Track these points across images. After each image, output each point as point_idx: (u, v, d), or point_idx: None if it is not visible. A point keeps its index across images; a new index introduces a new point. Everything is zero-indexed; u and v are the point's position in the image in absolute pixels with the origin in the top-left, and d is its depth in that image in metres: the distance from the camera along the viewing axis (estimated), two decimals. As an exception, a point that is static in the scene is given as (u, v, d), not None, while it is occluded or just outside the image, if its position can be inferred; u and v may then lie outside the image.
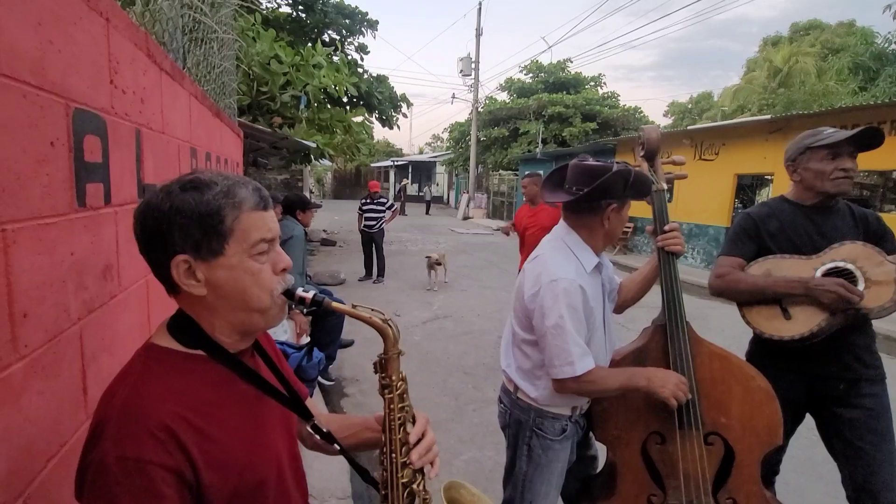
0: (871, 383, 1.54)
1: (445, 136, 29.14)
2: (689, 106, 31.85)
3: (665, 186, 1.57)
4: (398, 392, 0.75)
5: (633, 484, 1.45)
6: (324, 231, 12.07)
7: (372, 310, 0.74)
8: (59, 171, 0.79)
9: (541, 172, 3.24)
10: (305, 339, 2.66)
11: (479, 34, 18.51)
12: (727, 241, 1.71)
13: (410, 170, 30.85)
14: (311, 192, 20.27)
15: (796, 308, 1.53)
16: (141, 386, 0.62)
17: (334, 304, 0.74)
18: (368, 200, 7.02)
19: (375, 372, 0.76)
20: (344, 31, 9.94)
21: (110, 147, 1.00)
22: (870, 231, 1.58)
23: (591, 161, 1.36)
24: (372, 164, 31.57)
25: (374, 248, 7.06)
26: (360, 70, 9.79)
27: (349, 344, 4.19)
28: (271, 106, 6.87)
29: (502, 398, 1.55)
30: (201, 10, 1.79)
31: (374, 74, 10.30)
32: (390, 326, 0.74)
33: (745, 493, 1.42)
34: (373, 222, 6.96)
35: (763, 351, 1.66)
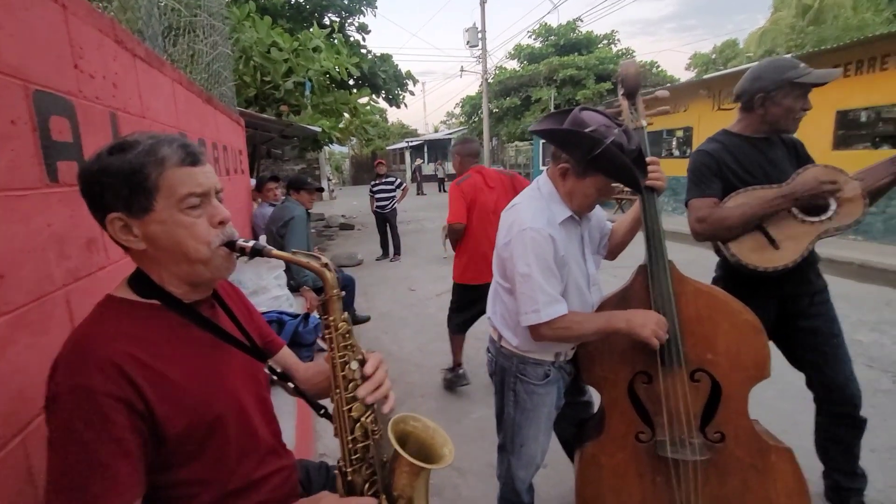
0: (822, 293, 1.68)
1: (458, 111, 28.72)
2: (713, 56, 30.13)
3: (645, 123, 1.53)
4: (339, 332, 0.79)
5: (620, 422, 1.48)
6: (342, 216, 12.26)
7: (310, 255, 0.79)
8: (23, 147, 0.85)
9: (475, 139, 3.00)
10: (316, 315, 2.78)
11: (483, 1, 17.95)
12: (693, 183, 1.66)
13: (426, 149, 30.66)
14: (328, 179, 20.49)
15: (782, 234, 1.53)
16: (90, 328, 0.69)
17: (275, 251, 0.78)
18: (378, 181, 7.08)
19: (319, 315, 0.81)
20: (343, 13, 9.85)
21: (81, 128, 1.07)
22: (800, 156, 1.65)
23: (596, 111, 1.29)
24: (387, 147, 31.49)
25: (388, 228, 7.15)
26: (362, 50, 9.72)
27: (365, 320, 4.31)
28: (276, 95, 6.95)
29: (489, 347, 1.59)
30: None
31: (378, 54, 10.21)
32: (328, 270, 0.78)
33: (734, 426, 1.42)
34: (385, 202, 7.02)
35: (737, 278, 1.64)
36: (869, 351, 3.21)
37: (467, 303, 2.90)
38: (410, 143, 32.02)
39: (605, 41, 19.63)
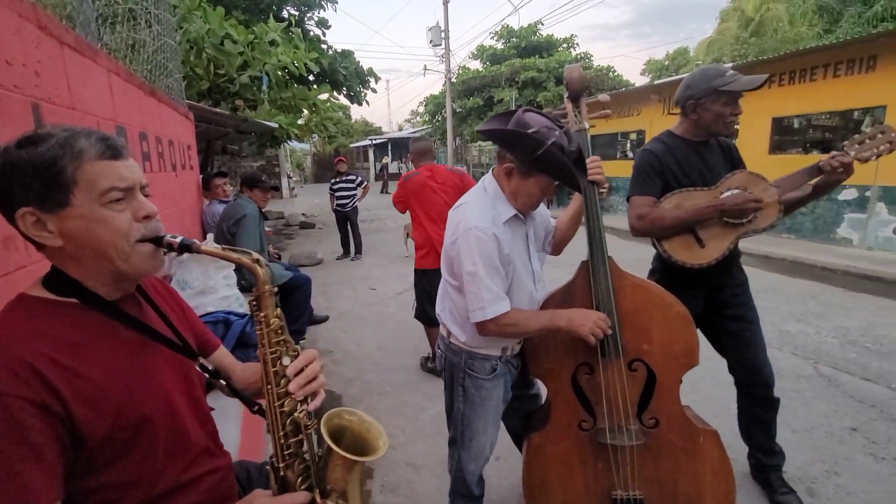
0: (743, 285, 1.83)
1: (422, 109, 28.64)
2: (666, 63, 31.51)
3: (587, 126, 1.60)
4: (272, 328, 0.78)
5: (564, 412, 1.54)
6: (303, 215, 11.99)
7: (241, 251, 0.78)
8: (-76, 137, 0.80)
9: (427, 137, 3.31)
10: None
11: (446, 1, 18.00)
12: (636, 181, 1.76)
13: (390, 147, 30.41)
14: (288, 176, 19.91)
15: (707, 235, 1.66)
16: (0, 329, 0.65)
17: (203, 247, 0.77)
18: (338, 179, 6.97)
19: (253, 310, 0.80)
20: (302, 7, 9.61)
21: (-3, 118, 1.01)
22: (734, 159, 1.78)
23: (539, 113, 1.32)
24: (351, 145, 30.98)
25: (349, 226, 7.06)
26: (322, 46, 9.52)
27: (323, 320, 4.25)
28: (231, 89, 6.69)
29: (439, 343, 1.61)
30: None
31: (339, 50, 10.03)
32: (259, 266, 0.78)
33: (667, 412, 1.51)
34: (346, 201, 6.92)
35: (671, 272, 1.76)
36: (795, 340, 3.48)
37: (420, 289, 3.14)
38: (374, 141, 31.68)
39: (565, 45, 20.13)
